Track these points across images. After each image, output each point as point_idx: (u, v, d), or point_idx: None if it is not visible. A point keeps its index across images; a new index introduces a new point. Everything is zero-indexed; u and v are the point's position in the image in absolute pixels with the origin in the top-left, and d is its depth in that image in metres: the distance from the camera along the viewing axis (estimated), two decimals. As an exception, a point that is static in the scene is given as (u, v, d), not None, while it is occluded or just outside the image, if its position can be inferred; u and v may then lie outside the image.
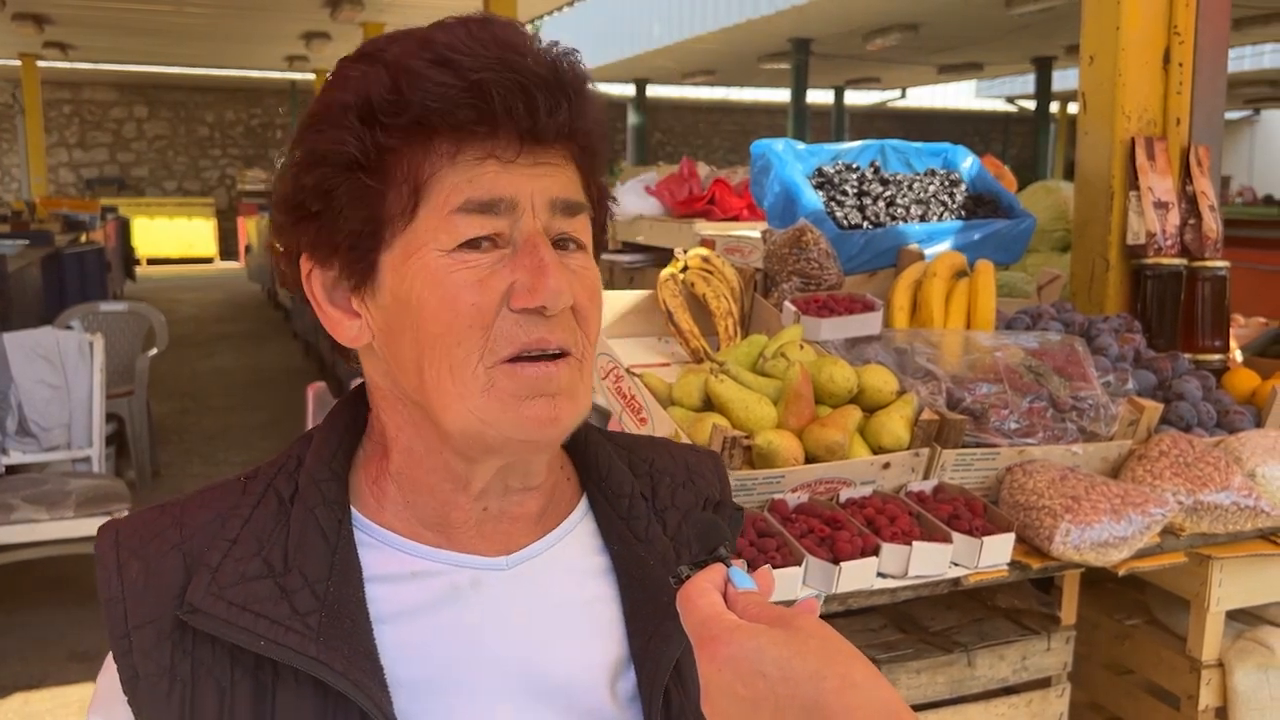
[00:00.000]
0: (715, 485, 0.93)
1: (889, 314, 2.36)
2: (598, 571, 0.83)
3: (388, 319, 0.75)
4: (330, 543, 0.76)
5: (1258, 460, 2.07)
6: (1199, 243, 2.63)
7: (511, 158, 0.74)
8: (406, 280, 0.73)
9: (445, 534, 0.79)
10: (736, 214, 3.67)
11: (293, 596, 0.73)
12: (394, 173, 0.73)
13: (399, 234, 0.74)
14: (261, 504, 0.78)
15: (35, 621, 4.01)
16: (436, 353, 0.73)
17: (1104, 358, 2.26)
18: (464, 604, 0.78)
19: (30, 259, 6.81)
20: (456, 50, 0.72)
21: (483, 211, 0.73)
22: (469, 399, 0.73)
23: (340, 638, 0.72)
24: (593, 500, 0.86)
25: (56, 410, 4.14)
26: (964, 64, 15.42)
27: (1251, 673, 2.06)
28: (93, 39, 13.48)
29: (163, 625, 0.73)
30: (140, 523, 0.78)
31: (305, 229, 0.76)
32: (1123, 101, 2.68)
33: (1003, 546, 1.79)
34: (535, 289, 0.72)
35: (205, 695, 0.71)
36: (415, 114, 0.71)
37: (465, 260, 0.73)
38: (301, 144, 0.75)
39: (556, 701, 0.77)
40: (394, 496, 0.80)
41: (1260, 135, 24.95)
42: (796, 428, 1.88)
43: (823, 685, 0.59)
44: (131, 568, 0.75)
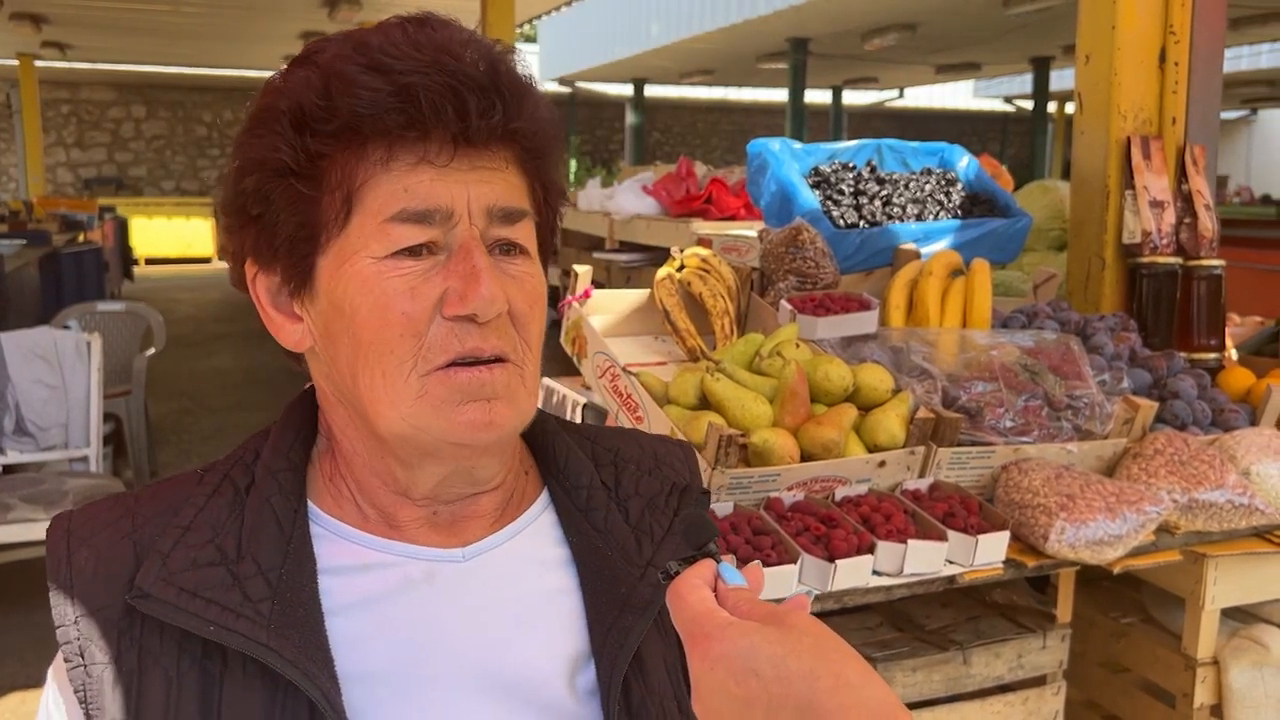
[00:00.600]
0: (684, 472, 0.92)
1: (885, 313, 2.36)
2: (559, 563, 0.83)
3: (325, 323, 0.76)
4: (285, 531, 0.76)
5: (1252, 458, 2.07)
6: (1194, 242, 2.64)
7: (445, 162, 0.73)
8: (340, 286, 0.74)
9: (398, 528, 0.79)
10: (733, 213, 3.67)
11: (245, 583, 0.72)
12: (327, 179, 0.73)
13: (333, 239, 0.74)
14: (217, 494, 0.78)
15: (33, 621, 4.01)
16: (369, 359, 0.73)
17: (1099, 356, 2.26)
18: (418, 596, 0.77)
19: (28, 259, 6.80)
20: (388, 53, 0.71)
21: (418, 221, 0.72)
22: (400, 405, 0.73)
23: (292, 626, 0.71)
24: (553, 492, 0.86)
25: (54, 410, 4.14)
26: (962, 64, 15.43)
27: (1246, 670, 2.07)
28: (90, 39, 13.47)
29: (111, 614, 0.72)
30: (92, 513, 0.78)
31: (247, 233, 0.76)
32: (1118, 101, 2.68)
33: (998, 544, 1.79)
34: (467, 296, 0.72)
35: (152, 684, 0.71)
36: (345, 120, 0.71)
37: (398, 268, 0.72)
38: (240, 149, 0.75)
39: (513, 695, 0.76)
40: (348, 492, 0.80)
41: (1258, 135, 24.98)
42: (792, 426, 1.89)
43: (817, 684, 0.59)
44: (80, 555, 0.75)
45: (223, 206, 0.78)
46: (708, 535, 0.72)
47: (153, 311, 5.48)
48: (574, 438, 0.89)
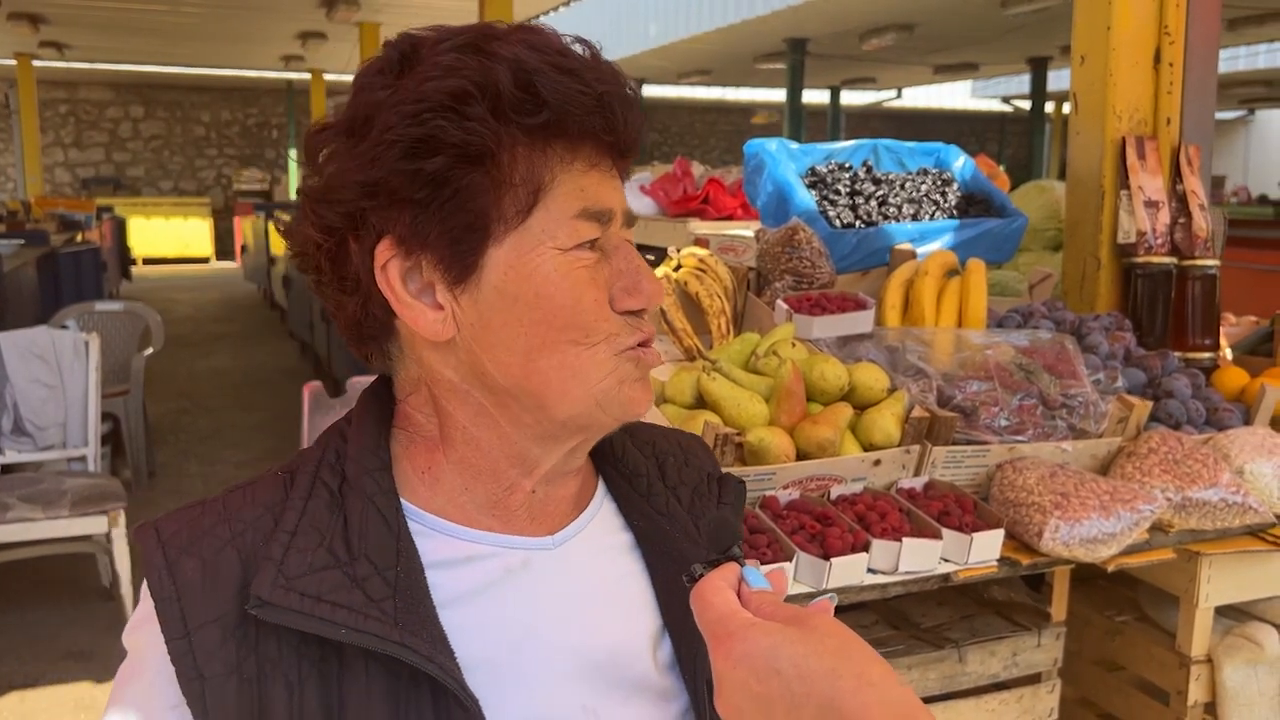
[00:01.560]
0: (710, 463, 0.97)
1: (881, 312, 2.37)
2: (625, 548, 0.86)
3: (484, 313, 0.76)
4: (393, 529, 0.76)
5: (1246, 457, 2.08)
6: (1189, 242, 2.65)
7: (608, 168, 0.79)
8: (520, 277, 0.75)
9: (498, 518, 0.81)
10: (730, 213, 3.68)
11: (364, 584, 0.73)
12: (512, 171, 0.74)
13: (511, 231, 0.75)
14: (313, 496, 0.77)
15: (31, 620, 4.02)
16: (559, 344, 0.76)
17: (1094, 356, 2.27)
18: (516, 585, 0.79)
19: (26, 258, 6.80)
20: (569, 57, 0.75)
21: (595, 219, 0.77)
22: (591, 385, 0.77)
23: (417, 623, 0.72)
24: (609, 481, 0.89)
25: (52, 409, 4.14)
26: (959, 64, 15.45)
27: (1240, 668, 2.08)
28: (88, 38, 13.47)
29: (226, 623, 0.72)
30: (183, 521, 0.77)
31: (396, 216, 0.74)
32: (1114, 101, 2.69)
33: (992, 543, 1.80)
34: (637, 290, 0.78)
35: (274, 691, 0.71)
36: (552, 116, 0.73)
37: (581, 259, 0.76)
38: (402, 128, 0.72)
39: (606, 673, 0.79)
40: (449, 483, 0.81)
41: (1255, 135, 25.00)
42: (788, 425, 1.89)
43: (838, 684, 0.59)
44: (185, 566, 0.73)
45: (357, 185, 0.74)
46: (732, 539, 0.73)
47: (151, 311, 5.48)
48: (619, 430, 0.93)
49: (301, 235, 0.79)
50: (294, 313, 9.60)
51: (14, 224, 10.00)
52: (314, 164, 0.78)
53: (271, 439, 6.70)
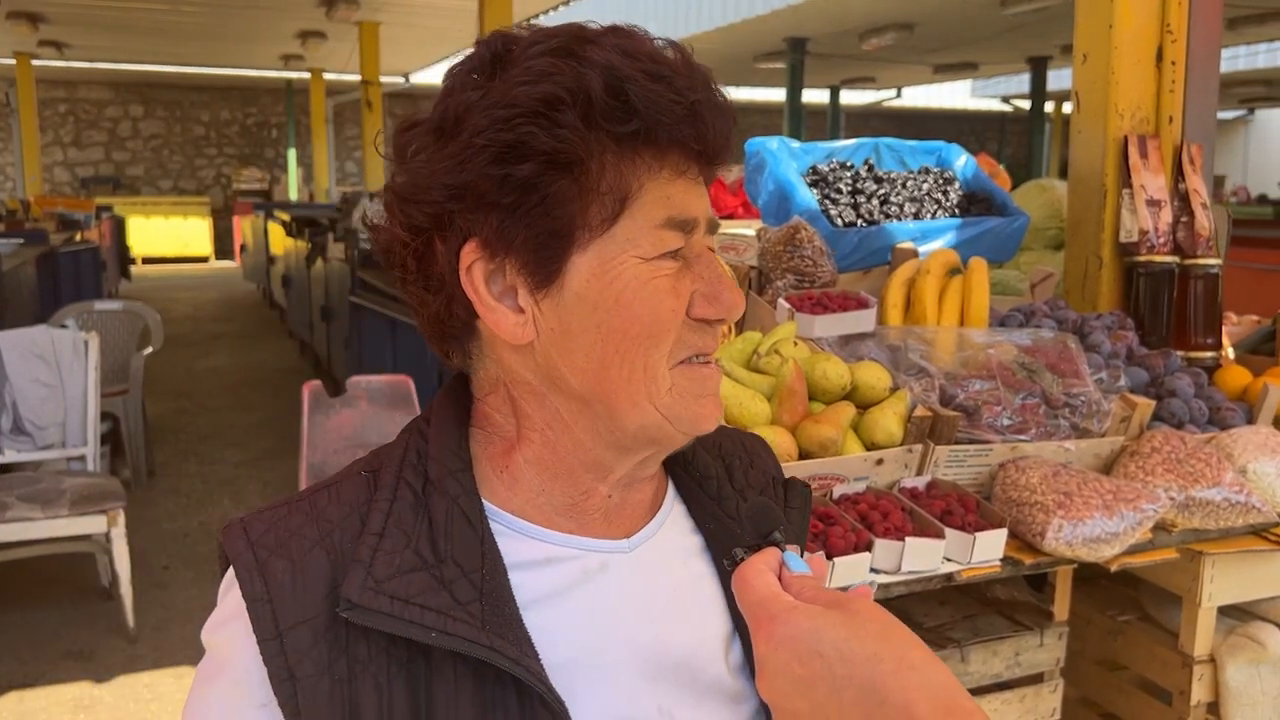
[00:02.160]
0: (773, 465, 0.97)
1: (883, 311, 2.36)
2: (695, 551, 0.86)
3: (564, 319, 0.76)
4: (478, 531, 0.76)
5: (1249, 457, 2.08)
6: (1191, 240, 2.64)
7: (695, 176, 0.78)
8: (602, 284, 0.75)
9: (576, 520, 0.81)
10: (731, 212, 3.68)
11: (452, 586, 0.73)
12: (600, 179, 0.74)
13: (595, 239, 0.75)
14: (398, 497, 0.77)
15: (30, 620, 4.01)
16: (631, 354, 0.75)
17: (1097, 355, 2.26)
18: (594, 587, 0.80)
19: (25, 258, 6.80)
20: (662, 64, 0.74)
21: (680, 228, 0.77)
22: (657, 397, 0.77)
23: (504, 625, 0.73)
24: (678, 484, 0.90)
25: (51, 409, 4.14)
26: (959, 63, 15.45)
27: (1243, 668, 2.07)
28: (88, 38, 13.47)
29: (317, 624, 0.72)
30: (270, 521, 0.77)
31: (483, 219, 0.74)
32: (1116, 100, 2.68)
33: (995, 542, 1.80)
34: (718, 300, 0.78)
35: (364, 692, 0.71)
36: (643, 124, 0.73)
37: (663, 269, 0.76)
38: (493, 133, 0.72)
39: (681, 676, 0.80)
40: (527, 484, 0.81)
41: (1255, 135, 25.01)
42: (790, 424, 1.89)
43: (880, 666, 0.60)
44: (275, 567, 0.74)
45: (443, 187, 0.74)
46: (773, 524, 0.75)
47: (150, 311, 5.48)
48: None
49: (388, 233, 0.79)
50: (293, 312, 9.60)
51: (13, 223, 9.99)
52: (401, 161, 0.78)
53: (271, 438, 6.69)
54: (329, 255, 7.11)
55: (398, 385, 3.49)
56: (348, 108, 19.09)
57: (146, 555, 4.57)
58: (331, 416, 3.42)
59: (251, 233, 13.76)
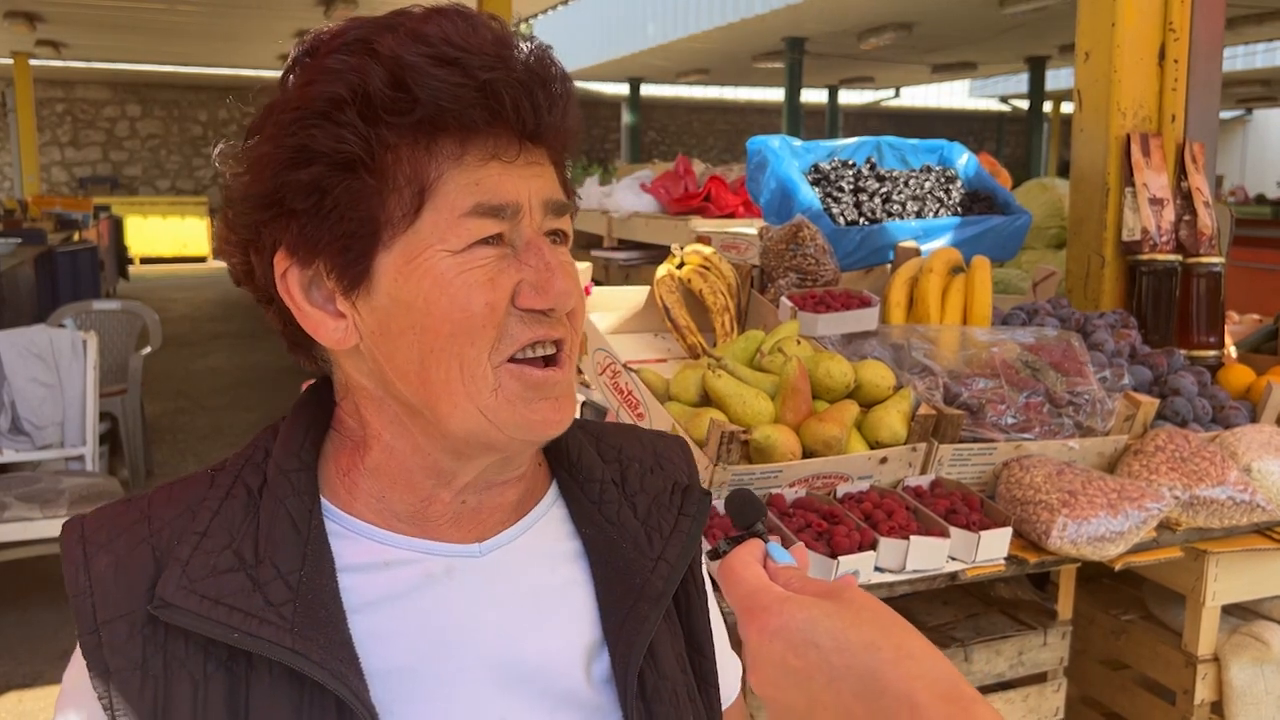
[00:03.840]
0: (683, 469, 0.93)
1: (885, 310, 2.36)
2: (570, 556, 0.83)
3: (382, 320, 0.74)
4: (302, 533, 0.75)
5: (1253, 455, 2.07)
6: (1194, 239, 2.64)
7: (513, 158, 0.74)
8: (411, 282, 0.72)
9: (419, 525, 0.79)
10: (732, 211, 3.67)
11: (265, 588, 0.72)
12: (395, 172, 0.71)
13: (399, 235, 0.72)
14: (230, 496, 0.77)
15: (29, 620, 4.00)
16: (446, 353, 0.72)
17: (1100, 353, 2.26)
18: (438, 592, 0.77)
19: (23, 258, 6.78)
20: (456, 46, 0.70)
21: (492, 215, 0.73)
22: (479, 398, 0.73)
23: (315, 627, 0.71)
24: (563, 486, 0.87)
25: (50, 409, 4.12)
26: (958, 63, 15.44)
27: (1247, 667, 2.07)
28: (85, 37, 13.45)
29: (134, 619, 0.71)
30: (107, 517, 0.77)
31: (284, 226, 0.73)
32: (1118, 98, 2.68)
33: (999, 541, 1.79)
34: (545, 289, 0.73)
35: (179, 689, 0.70)
36: (426, 113, 0.70)
37: (475, 260, 0.72)
38: (282, 138, 0.72)
39: (533, 685, 0.77)
40: (367, 489, 0.79)
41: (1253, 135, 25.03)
42: (794, 423, 1.88)
43: (879, 655, 0.59)
44: (99, 561, 0.73)
45: (247, 199, 0.74)
46: (756, 514, 0.73)
47: (148, 310, 5.46)
48: (580, 433, 0.90)
49: (224, 250, 0.79)
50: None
51: (11, 223, 9.97)
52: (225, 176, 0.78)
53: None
54: (328, 255, 7.10)
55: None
56: (346, 107, 19.06)
57: (145, 555, 4.56)
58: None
59: (250, 232, 13.72)
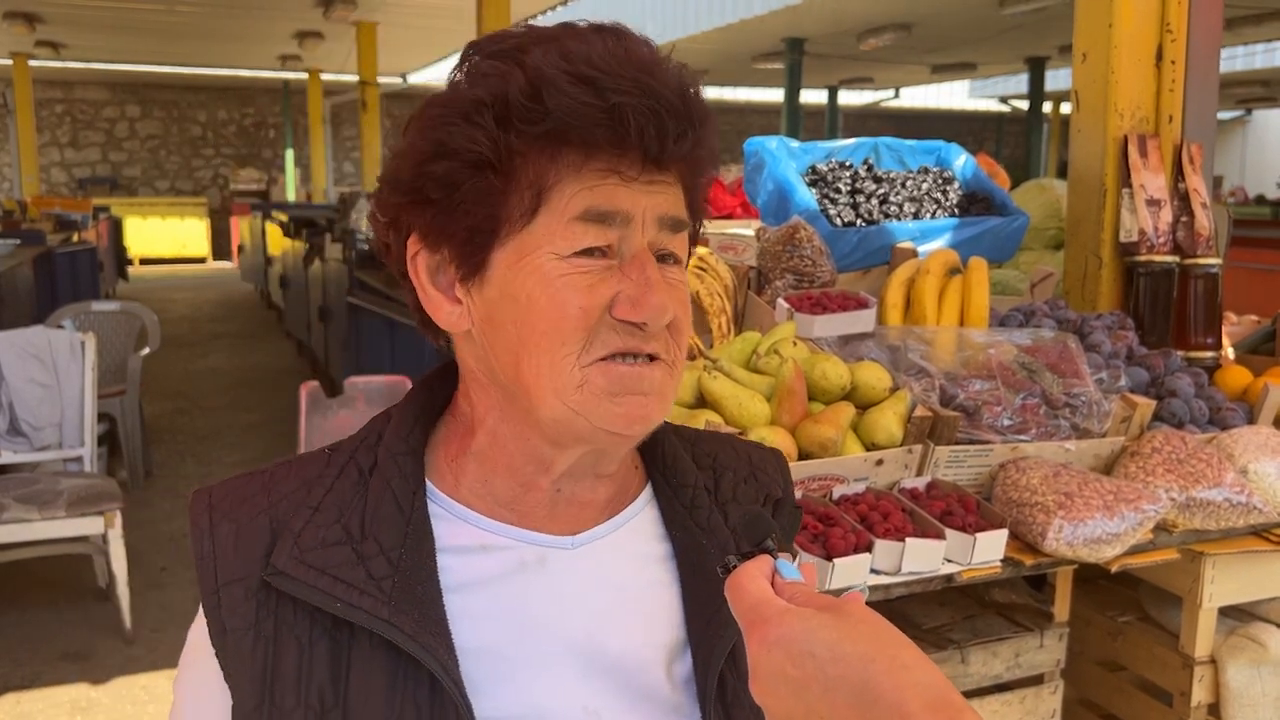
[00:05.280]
0: (779, 482, 0.95)
1: (882, 311, 2.36)
2: (658, 558, 0.86)
3: (491, 310, 0.79)
4: (405, 513, 0.79)
5: (1250, 457, 2.07)
6: (1191, 240, 2.64)
7: (634, 176, 0.77)
8: (519, 278, 0.77)
9: (517, 512, 0.83)
10: (730, 212, 3.67)
11: (368, 562, 0.77)
12: (520, 176, 0.76)
13: (515, 234, 0.77)
14: (343, 474, 0.82)
15: (27, 621, 3.99)
16: (539, 349, 0.76)
17: (1097, 355, 2.26)
18: (530, 579, 0.81)
19: (22, 258, 6.78)
20: (595, 66, 0.74)
21: (600, 222, 0.76)
22: (564, 394, 0.76)
23: (411, 603, 0.75)
24: (656, 489, 0.89)
25: (48, 410, 4.12)
26: (957, 64, 15.44)
27: (1244, 669, 2.07)
28: (85, 38, 13.45)
29: (250, 584, 0.77)
30: (232, 488, 0.82)
31: (420, 214, 0.79)
32: (1115, 99, 2.68)
33: (996, 543, 1.79)
34: (640, 304, 0.76)
35: (286, 651, 0.75)
36: (553, 125, 0.74)
37: (578, 266, 0.76)
38: (429, 132, 0.77)
39: (614, 678, 0.80)
40: (472, 474, 0.83)
41: (1252, 135, 25.03)
42: (790, 424, 1.88)
43: (872, 666, 0.61)
44: (223, 529, 0.79)
45: (394, 183, 0.80)
46: (765, 531, 0.75)
47: (147, 311, 5.46)
48: (676, 438, 0.93)
49: (374, 225, 0.85)
50: (291, 312, 9.58)
51: (10, 224, 9.96)
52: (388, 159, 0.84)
53: (268, 439, 6.68)
54: (326, 256, 7.10)
55: (395, 385, 3.48)
56: (345, 108, 19.06)
57: (144, 556, 4.56)
58: (329, 417, 3.41)
59: (249, 233, 13.73)
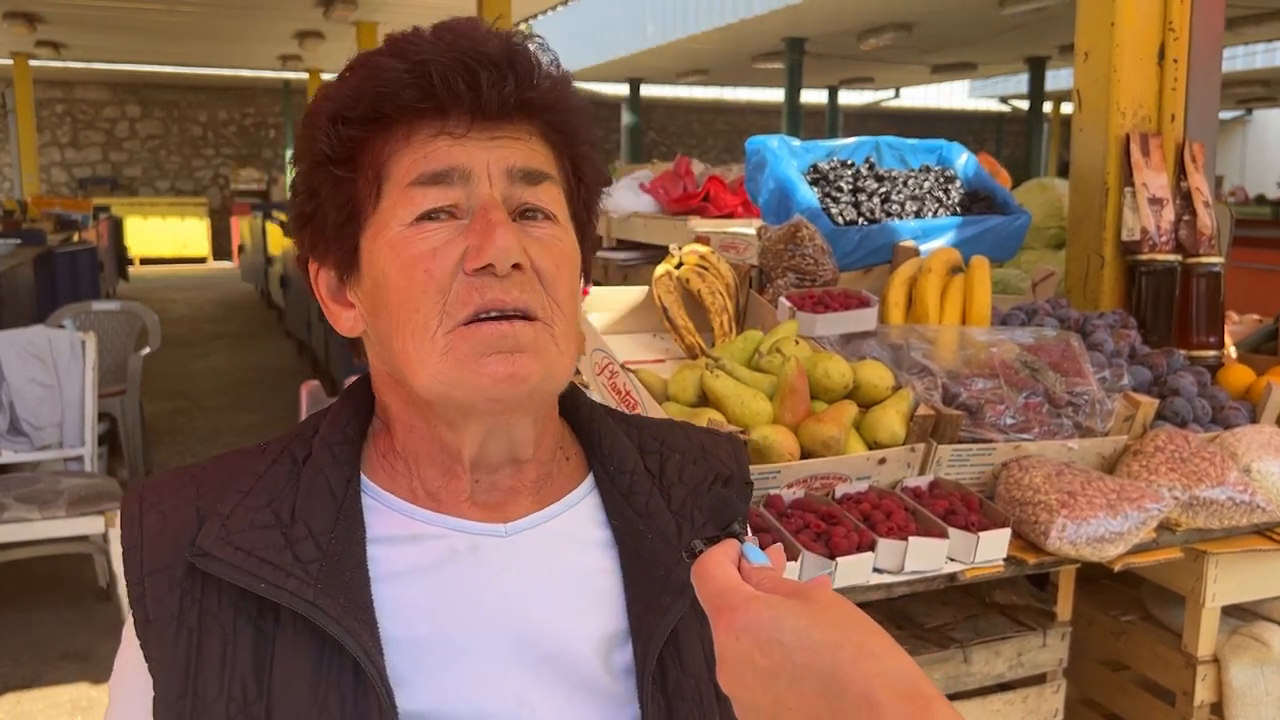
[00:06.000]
0: (730, 463, 0.94)
1: (884, 310, 2.35)
2: (599, 545, 0.85)
3: (370, 302, 0.80)
4: (337, 499, 0.80)
5: (1253, 456, 2.07)
6: (1193, 239, 2.64)
7: (463, 132, 0.78)
8: (378, 257, 0.78)
9: (446, 502, 0.83)
10: (731, 211, 3.66)
11: (296, 546, 0.77)
12: (362, 161, 0.78)
13: (370, 216, 0.79)
14: (276, 464, 0.83)
15: (28, 621, 3.99)
16: (403, 322, 0.77)
17: (1099, 354, 2.25)
18: (461, 567, 0.80)
19: (22, 258, 6.78)
20: (412, 43, 0.78)
21: (436, 182, 0.77)
22: (429, 363, 0.76)
23: (338, 588, 0.75)
24: (598, 477, 0.89)
25: (48, 409, 4.12)
26: (957, 64, 15.44)
27: (1247, 668, 2.06)
28: (85, 38, 13.44)
29: (174, 573, 0.77)
30: (163, 480, 0.83)
31: (306, 233, 0.83)
32: (1118, 98, 2.67)
33: (999, 542, 1.79)
34: (483, 248, 0.75)
35: (210, 640, 0.75)
36: (369, 103, 0.77)
37: (422, 230, 0.77)
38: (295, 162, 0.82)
39: (549, 668, 0.79)
40: (401, 470, 0.84)
41: (1253, 135, 25.02)
42: (792, 423, 1.88)
43: (840, 654, 0.59)
44: (150, 518, 0.79)
45: (290, 214, 0.85)
46: (732, 515, 0.73)
47: (148, 311, 5.46)
48: (620, 425, 0.92)
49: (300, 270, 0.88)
50: (291, 312, 9.57)
51: (10, 223, 9.96)
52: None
53: (269, 438, 6.67)
54: (327, 255, 7.09)
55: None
56: (346, 108, 19.03)
57: (144, 556, 4.55)
58: (330, 416, 3.40)
59: (249, 233, 13.72)
